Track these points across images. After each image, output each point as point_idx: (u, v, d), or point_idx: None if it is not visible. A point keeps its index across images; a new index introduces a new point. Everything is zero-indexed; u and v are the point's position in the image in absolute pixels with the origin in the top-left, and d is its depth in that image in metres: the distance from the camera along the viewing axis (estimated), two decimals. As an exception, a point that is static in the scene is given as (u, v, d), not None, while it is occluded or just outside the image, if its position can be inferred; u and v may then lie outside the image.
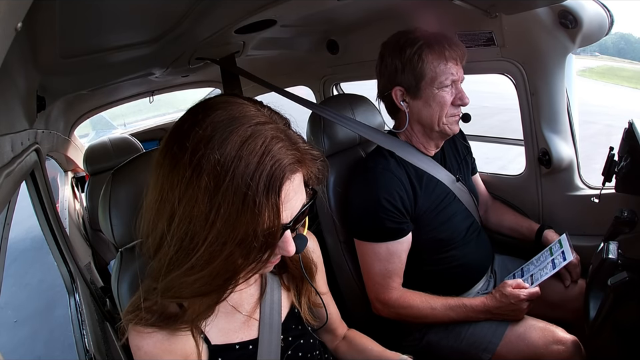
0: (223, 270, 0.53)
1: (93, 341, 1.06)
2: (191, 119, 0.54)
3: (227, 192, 0.49)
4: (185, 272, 0.53)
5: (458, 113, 1.10)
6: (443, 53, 1.04)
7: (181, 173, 0.50)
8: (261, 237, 0.51)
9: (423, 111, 1.09)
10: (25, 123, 0.92)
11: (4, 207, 0.72)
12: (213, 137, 0.50)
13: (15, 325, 2.77)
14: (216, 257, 0.51)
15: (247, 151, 0.50)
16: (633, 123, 0.93)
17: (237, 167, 0.49)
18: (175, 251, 0.53)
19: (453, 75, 1.05)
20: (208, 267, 0.52)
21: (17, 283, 3.15)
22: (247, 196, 0.49)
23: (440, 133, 1.11)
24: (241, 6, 0.96)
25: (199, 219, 0.50)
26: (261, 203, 0.49)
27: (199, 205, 0.49)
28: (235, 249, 0.51)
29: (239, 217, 0.49)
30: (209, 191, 0.49)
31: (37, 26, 0.68)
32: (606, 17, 1.05)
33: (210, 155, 0.49)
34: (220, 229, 0.49)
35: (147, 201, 0.56)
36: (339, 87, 2.09)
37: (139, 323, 0.61)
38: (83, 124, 2.72)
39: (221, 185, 0.49)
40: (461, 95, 1.07)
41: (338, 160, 1.30)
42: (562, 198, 1.27)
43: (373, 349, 0.86)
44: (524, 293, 0.99)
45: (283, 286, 0.75)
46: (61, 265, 1.31)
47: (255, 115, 0.54)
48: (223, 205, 0.49)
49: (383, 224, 1.06)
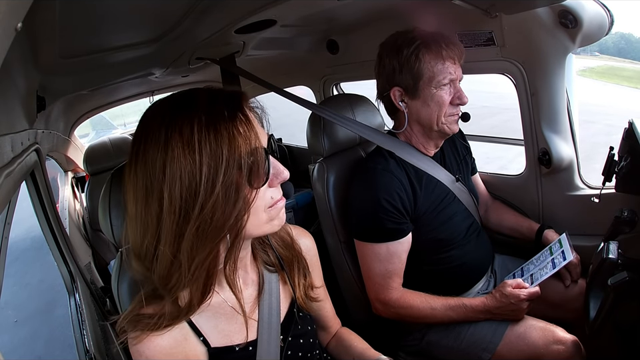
0: (229, 213, 0.55)
1: (93, 341, 1.06)
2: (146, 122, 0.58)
3: (200, 133, 0.53)
4: (196, 232, 0.54)
5: (457, 112, 1.09)
6: (440, 52, 1.04)
7: (154, 146, 0.54)
8: (248, 158, 0.54)
9: (422, 111, 1.09)
10: (24, 123, 0.92)
11: (4, 207, 0.72)
12: (164, 114, 0.56)
13: (15, 324, 2.78)
14: (217, 200, 0.53)
15: (203, 107, 0.55)
16: (633, 123, 0.93)
17: (199, 113, 0.54)
18: (177, 218, 0.54)
19: (451, 74, 1.05)
20: (214, 215, 0.54)
21: (17, 282, 3.15)
22: (217, 128, 0.53)
23: (439, 132, 1.11)
24: (241, 6, 0.96)
25: (187, 171, 0.53)
26: (231, 127, 0.54)
27: (182, 162, 0.53)
28: (231, 178, 0.54)
29: (219, 147, 0.53)
30: (187, 145, 0.53)
31: (36, 26, 0.68)
32: (606, 16, 1.05)
33: (177, 120, 0.54)
34: (209, 167, 0.53)
35: (129, 206, 0.58)
36: (339, 87, 2.09)
37: (139, 329, 0.61)
38: (83, 124, 2.72)
39: (194, 134, 0.53)
40: (459, 94, 1.07)
41: (338, 160, 1.30)
42: (562, 198, 1.27)
43: (357, 346, 0.87)
44: (524, 292, 0.99)
45: (282, 283, 0.75)
46: (61, 265, 1.31)
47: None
48: (204, 148, 0.52)
49: (382, 224, 1.06)
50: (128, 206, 0.58)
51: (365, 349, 0.86)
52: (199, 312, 0.64)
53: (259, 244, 0.75)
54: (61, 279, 1.35)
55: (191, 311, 0.63)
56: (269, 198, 0.60)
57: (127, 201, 0.58)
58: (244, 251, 0.68)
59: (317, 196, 1.30)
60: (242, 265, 0.71)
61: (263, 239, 0.74)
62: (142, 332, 0.60)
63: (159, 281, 0.59)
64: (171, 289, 0.59)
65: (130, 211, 0.58)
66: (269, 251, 0.75)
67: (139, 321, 0.61)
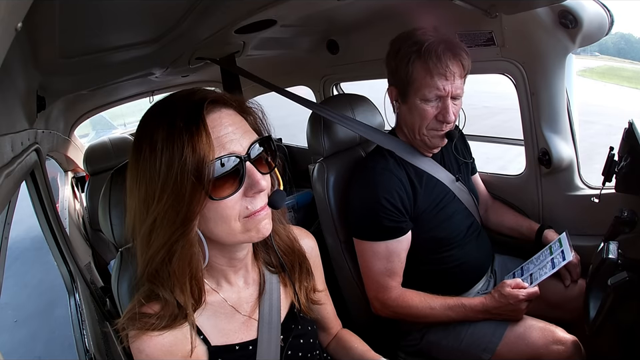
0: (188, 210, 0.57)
1: (93, 341, 1.06)
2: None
3: (163, 142, 0.55)
4: (152, 224, 0.58)
5: (441, 128, 1.05)
6: (428, 65, 0.99)
7: (137, 146, 0.59)
8: (197, 169, 0.55)
9: (407, 117, 1.09)
10: (24, 123, 0.92)
11: (4, 207, 0.72)
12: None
13: (15, 324, 2.78)
14: (166, 202, 0.56)
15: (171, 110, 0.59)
16: (633, 123, 0.93)
17: (164, 123, 0.57)
18: (144, 212, 0.58)
19: (439, 90, 1.00)
20: (165, 215, 0.57)
21: (17, 282, 3.15)
22: (173, 139, 0.55)
23: (421, 142, 1.10)
24: (241, 6, 0.96)
25: (151, 173, 0.56)
26: (186, 138, 0.55)
27: (148, 164, 0.56)
28: (182, 186, 0.55)
29: (174, 156, 0.54)
30: (152, 149, 0.56)
31: (36, 26, 0.68)
32: (606, 16, 1.05)
33: (150, 125, 0.58)
34: (164, 174, 0.55)
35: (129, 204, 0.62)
36: (339, 87, 2.09)
37: (139, 328, 0.61)
38: (83, 124, 2.72)
39: (157, 142, 0.56)
40: (444, 111, 1.02)
41: (338, 160, 1.30)
42: (562, 198, 1.27)
43: (357, 348, 0.86)
44: (523, 293, 0.99)
45: (282, 284, 0.75)
46: (61, 264, 1.31)
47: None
48: (164, 155, 0.55)
49: (381, 222, 1.06)
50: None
51: (365, 350, 0.86)
52: (199, 311, 0.64)
53: (262, 245, 0.75)
54: (60, 279, 1.35)
55: (188, 314, 0.63)
56: (244, 208, 0.59)
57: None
58: (242, 251, 0.68)
59: (316, 196, 1.30)
60: (242, 265, 0.71)
61: (265, 240, 0.73)
62: (141, 330, 0.61)
63: (140, 271, 0.63)
64: (144, 277, 0.62)
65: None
66: (271, 253, 0.75)
67: (139, 320, 0.61)
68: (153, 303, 0.63)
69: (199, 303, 0.64)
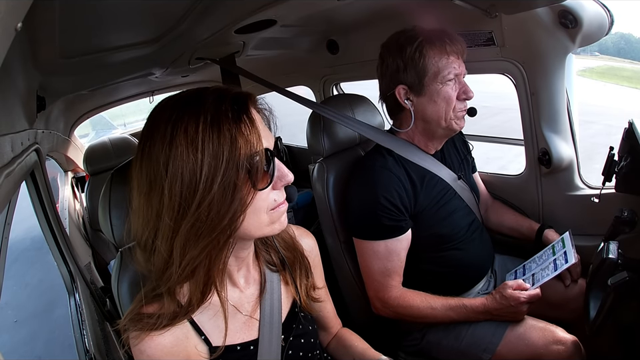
0: (229, 209, 0.55)
1: (93, 341, 1.06)
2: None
3: (205, 133, 0.53)
4: (190, 229, 0.55)
5: (464, 107, 1.09)
6: (444, 47, 1.04)
7: (159, 143, 0.55)
8: (248, 160, 0.55)
9: (428, 108, 1.08)
10: (24, 123, 0.92)
11: (4, 207, 0.72)
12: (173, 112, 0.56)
13: (15, 324, 2.78)
14: (213, 199, 0.54)
15: (209, 103, 0.56)
16: (633, 123, 0.93)
17: (205, 113, 0.54)
18: (175, 214, 0.55)
19: (455, 68, 1.05)
20: (209, 214, 0.54)
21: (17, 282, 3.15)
22: (221, 128, 0.54)
23: (446, 129, 1.10)
24: (241, 6, 0.96)
25: (188, 169, 0.53)
26: (235, 128, 0.54)
27: (184, 160, 0.53)
28: (229, 178, 0.54)
29: (220, 147, 0.53)
30: (191, 143, 0.53)
31: (36, 26, 0.68)
32: (606, 16, 1.05)
33: (184, 118, 0.55)
34: (209, 167, 0.53)
35: (133, 199, 0.59)
36: (339, 87, 2.09)
37: (140, 328, 0.61)
38: (83, 124, 2.72)
39: (198, 134, 0.53)
40: (464, 88, 1.06)
41: (338, 160, 1.30)
42: (562, 198, 1.26)
43: (357, 346, 0.87)
44: (524, 295, 0.99)
45: (283, 282, 0.76)
46: (61, 265, 1.31)
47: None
48: (206, 147, 0.53)
49: (381, 222, 1.06)
50: (132, 199, 0.60)
51: (365, 349, 0.86)
52: (200, 311, 0.65)
53: (262, 244, 0.75)
54: (60, 279, 1.35)
55: (190, 310, 0.63)
56: (272, 200, 0.61)
57: (132, 195, 0.60)
58: (246, 250, 0.68)
59: (316, 196, 1.30)
60: (244, 264, 0.71)
61: (265, 239, 0.75)
62: (142, 331, 0.61)
63: (155, 274, 0.61)
64: (165, 282, 0.60)
65: (134, 204, 0.60)
66: (272, 251, 0.76)
67: (139, 320, 0.61)
68: (153, 303, 0.63)
69: (203, 300, 0.63)
